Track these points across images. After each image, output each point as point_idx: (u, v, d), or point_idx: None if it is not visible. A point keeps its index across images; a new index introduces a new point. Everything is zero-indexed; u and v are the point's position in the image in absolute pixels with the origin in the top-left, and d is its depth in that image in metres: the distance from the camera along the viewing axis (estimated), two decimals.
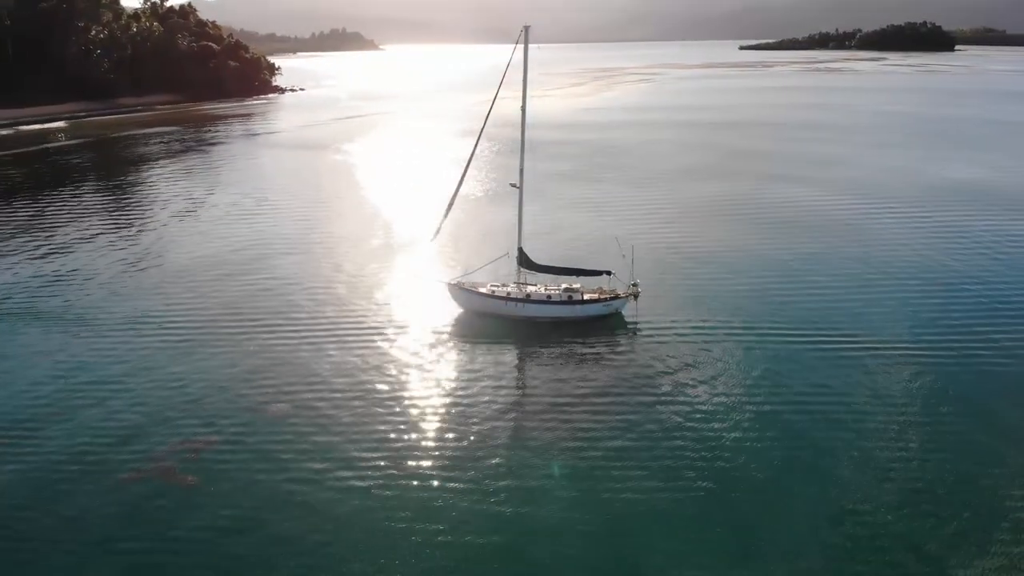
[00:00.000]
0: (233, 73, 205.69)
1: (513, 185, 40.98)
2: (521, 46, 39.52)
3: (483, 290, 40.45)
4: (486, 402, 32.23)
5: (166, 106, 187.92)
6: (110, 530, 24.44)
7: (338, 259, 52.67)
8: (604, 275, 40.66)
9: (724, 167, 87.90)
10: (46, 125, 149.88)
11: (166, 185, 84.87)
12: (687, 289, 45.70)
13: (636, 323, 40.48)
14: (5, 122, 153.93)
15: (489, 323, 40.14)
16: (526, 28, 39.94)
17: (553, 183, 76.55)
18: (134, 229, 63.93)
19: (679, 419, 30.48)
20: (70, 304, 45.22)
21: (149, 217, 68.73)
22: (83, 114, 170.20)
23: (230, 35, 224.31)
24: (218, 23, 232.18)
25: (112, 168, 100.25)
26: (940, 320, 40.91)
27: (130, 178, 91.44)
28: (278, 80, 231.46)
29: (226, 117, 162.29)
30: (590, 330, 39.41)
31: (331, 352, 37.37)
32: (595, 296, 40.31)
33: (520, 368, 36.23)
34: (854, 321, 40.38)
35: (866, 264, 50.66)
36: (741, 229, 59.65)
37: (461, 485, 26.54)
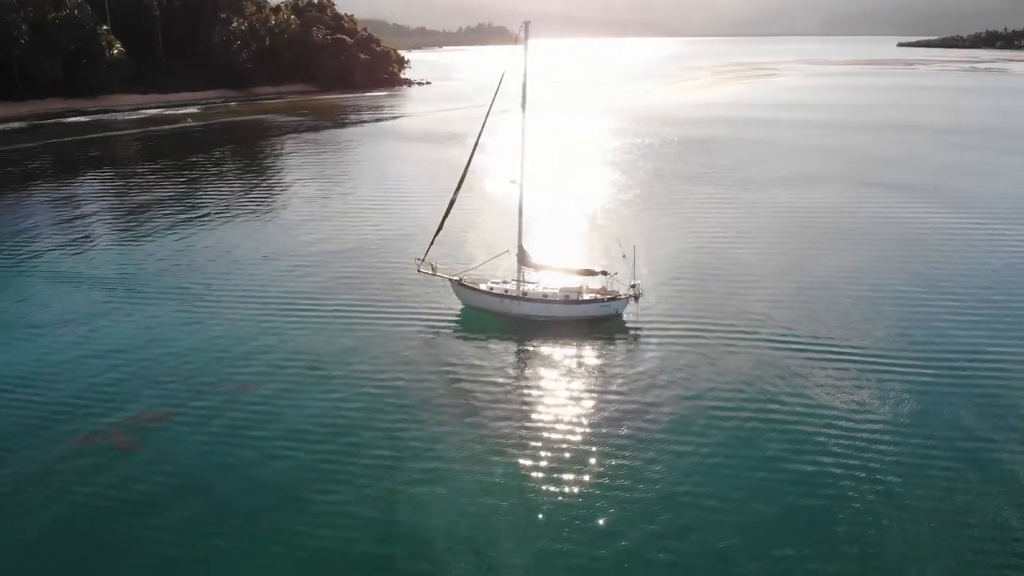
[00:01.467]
0: (362, 65, 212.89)
1: (512, 182, 40.06)
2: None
3: (483, 287, 40.05)
4: (458, 396, 32.25)
5: (298, 96, 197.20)
6: (53, 487, 25.93)
7: (373, 251, 53.53)
8: (600, 275, 39.75)
9: (824, 172, 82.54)
10: (183, 110, 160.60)
11: (265, 171, 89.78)
12: (704, 296, 43.84)
13: (636, 326, 39.12)
14: (155, 105, 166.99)
15: (486, 320, 39.98)
16: (526, 24, 39.87)
17: (625, 177, 74.60)
18: (229, 209, 68.00)
19: (658, 426, 29.40)
20: (111, 270, 48.88)
21: (242, 199, 72.43)
22: (221, 101, 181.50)
23: (364, 28, 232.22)
24: (355, 17, 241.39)
25: (231, 151, 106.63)
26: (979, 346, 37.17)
27: (241, 162, 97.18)
28: (406, 73, 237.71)
29: (348, 107, 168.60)
30: (587, 331, 38.47)
31: (318, 336, 38.33)
32: (593, 296, 38.98)
33: (506, 366, 35.64)
34: (889, 341, 37.53)
35: (916, 281, 46.61)
36: (805, 240, 55.79)
37: (410, 475, 26.65)
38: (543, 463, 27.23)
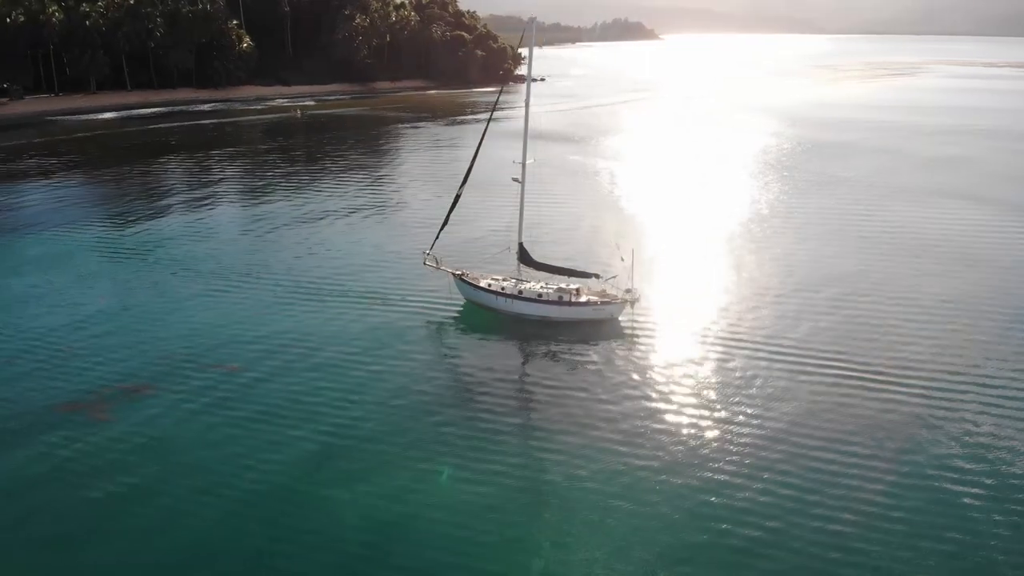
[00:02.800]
0: (478, 62, 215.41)
1: (515, 179, 39.91)
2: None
3: (482, 283, 40.39)
4: (438, 389, 32.87)
5: (413, 91, 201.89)
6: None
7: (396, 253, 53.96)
8: (593, 278, 39.36)
9: (934, 184, 76.75)
10: (299, 102, 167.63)
11: (351, 162, 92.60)
12: (717, 305, 42.53)
13: (631, 331, 38.16)
14: (276, 97, 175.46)
15: (485, 317, 40.38)
16: (532, 19, 41.35)
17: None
18: (296, 195, 71.15)
19: (634, 434, 29.15)
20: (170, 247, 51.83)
21: (314, 187, 75.41)
22: (338, 95, 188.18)
23: (484, 25, 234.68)
24: (492, 13, 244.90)
25: (325, 141, 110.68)
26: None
27: (331, 152, 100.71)
28: (522, 69, 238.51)
29: (459, 103, 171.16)
30: (580, 334, 38.23)
31: (316, 321, 40.35)
32: (587, 299, 38.29)
33: (494, 364, 35.80)
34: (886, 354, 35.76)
35: (926, 297, 43.57)
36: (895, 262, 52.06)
37: (366, 462, 27.52)
38: (512, 459, 27.51)
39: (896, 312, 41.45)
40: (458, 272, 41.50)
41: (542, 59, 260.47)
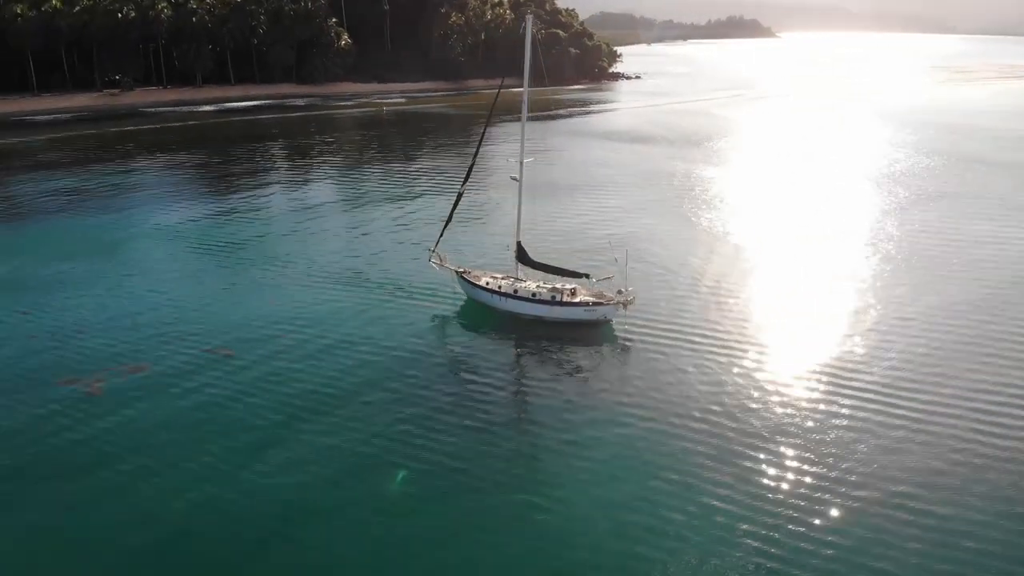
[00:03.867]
0: (571, 60, 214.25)
1: (513, 178, 39.72)
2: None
3: (481, 281, 40.63)
4: (423, 383, 33.05)
5: (511, 89, 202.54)
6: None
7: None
8: (583, 278, 38.92)
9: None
10: (390, 99, 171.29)
11: (414, 160, 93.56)
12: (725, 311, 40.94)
13: (622, 334, 37.17)
14: (370, 94, 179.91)
15: (482, 314, 40.45)
16: (529, 17, 42.03)
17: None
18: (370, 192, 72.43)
19: (607, 439, 28.80)
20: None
21: (378, 183, 76.95)
22: (430, 93, 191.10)
23: (581, 23, 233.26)
24: (604, 11, 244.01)
25: (402, 137, 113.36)
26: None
27: (401, 149, 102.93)
28: (619, 67, 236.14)
29: (549, 101, 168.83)
30: (573, 335, 37.78)
31: (316, 309, 41.75)
32: (580, 299, 37.71)
33: (477, 362, 35.89)
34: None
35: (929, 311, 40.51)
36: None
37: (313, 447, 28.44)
38: (476, 459, 27.60)
39: (900, 323, 38.97)
40: (460, 269, 41.66)
41: (646, 56, 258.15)
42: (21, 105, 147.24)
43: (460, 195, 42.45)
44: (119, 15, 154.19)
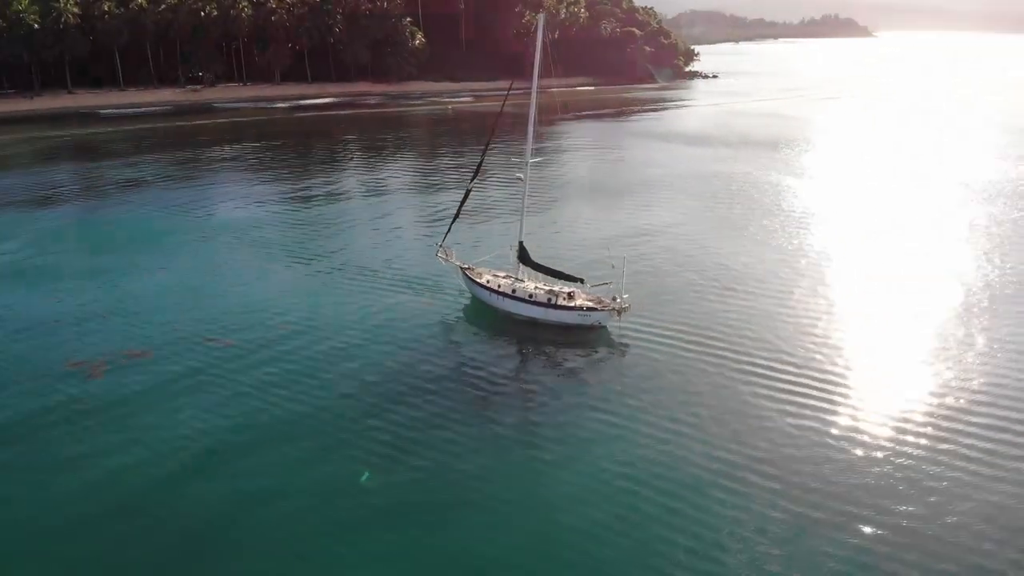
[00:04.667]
0: (645, 58, 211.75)
1: (518, 177, 39.19)
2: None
3: (484, 279, 40.55)
4: (408, 377, 33.23)
5: (576, 87, 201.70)
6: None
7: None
8: (578, 282, 38.35)
9: None
10: (459, 98, 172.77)
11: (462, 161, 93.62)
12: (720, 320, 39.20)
13: (616, 340, 36.76)
14: (439, 93, 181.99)
15: (483, 313, 40.36)
16: (541, 15, 41.53)
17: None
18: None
19: (588, 446, 28.36)
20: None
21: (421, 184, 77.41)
22: (499, 91, 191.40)
23: (658, 21, 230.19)
24: (691, 8, 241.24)
25: (458, 136, 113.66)
26: None
27: (456, 148, 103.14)
28: (696, 66, 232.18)
29: (619, 100, 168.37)
30: (568, 339, 37.29)
31: (323, 297, 42.92)
32: (573, 304, 37.59)
33: (465, 360, 35.77)
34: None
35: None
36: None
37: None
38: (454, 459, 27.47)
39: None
40: (464, 266, 41.72)
41: (731, 55, 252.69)
42: (109, 99, 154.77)
43: (468, 192, 42.56)
44: (202, 13, 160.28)
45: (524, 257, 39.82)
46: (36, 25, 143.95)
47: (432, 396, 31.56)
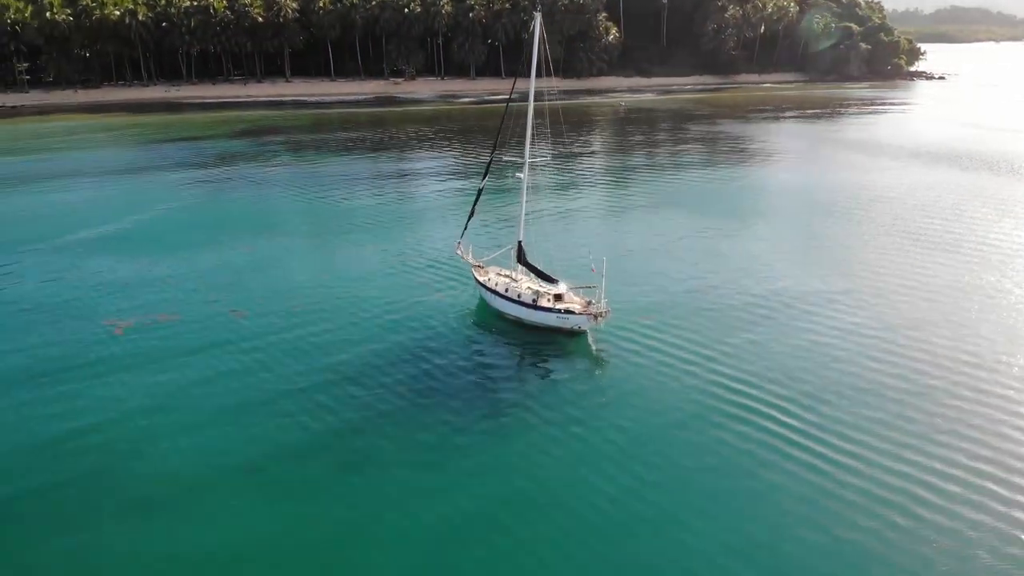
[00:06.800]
0: (861, 56, 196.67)
1: (519, 176, 38.58)
2: None
3: (487, 276, 40.27)
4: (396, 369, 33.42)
5: (777, 85, 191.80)
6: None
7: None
8: (554, 283, 36.99)
9: None
10: (643, 95, 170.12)
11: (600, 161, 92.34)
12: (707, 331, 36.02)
13: (593, 348, 35.01)
14: (625, 88, 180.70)
15: (484, 311, 39.96)
16: (538, 13, 38.25)
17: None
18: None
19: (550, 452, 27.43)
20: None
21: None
22: (691, 88, 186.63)
23: (881, 18, 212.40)
24: (880, 3, 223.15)
25: (626, 137, 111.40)
26: None
27: (602, 146, 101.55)
28: (922, 66, 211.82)
29: (825, 100, 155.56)
30: (551, 343, 35.92)
31: (333, 285, 43.66)
32: (552, 306, 36.29)
33: (453, 356, 35.12)
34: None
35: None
36: None
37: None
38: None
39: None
40: (476, 263, 41.65)
41: (984, 54, 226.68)
42: (320, 88, 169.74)
43: (480, 191, 42.30)
44: (406, 10, 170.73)
45: (521, 257, 39.41)
46: (260, 18, 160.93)
47: (395, 386, 31.54)
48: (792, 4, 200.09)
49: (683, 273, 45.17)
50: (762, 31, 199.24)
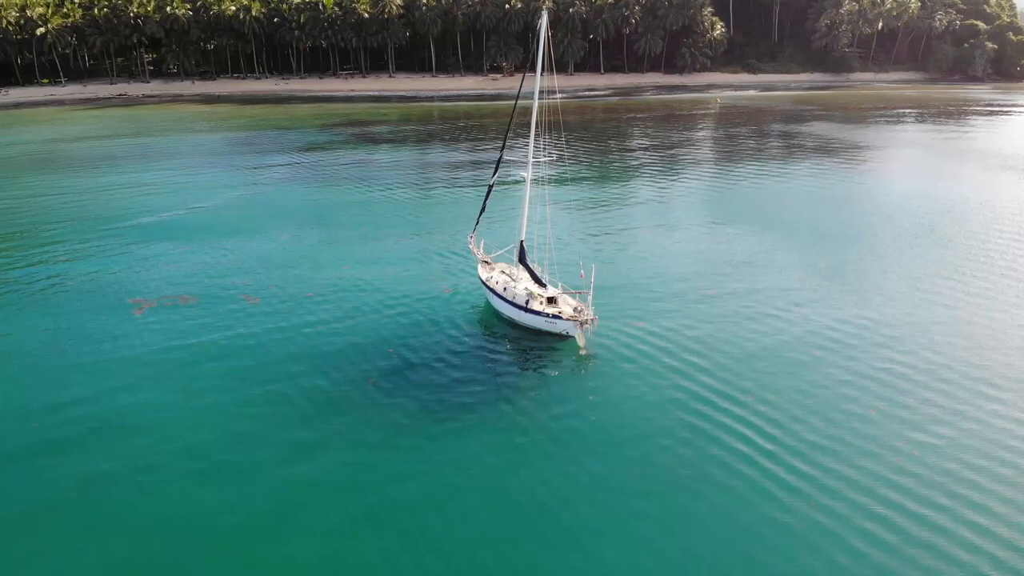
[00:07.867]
0: (986, 55, 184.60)
1: (521, 176, 38.78)
2: None
3: (490, 274, 40.35)
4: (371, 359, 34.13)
5: (892, 84, 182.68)
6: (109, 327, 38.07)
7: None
8: (543, 287, 37.04)
9: None
10: (744, 92, 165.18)
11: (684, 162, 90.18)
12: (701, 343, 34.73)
13: (580, 355, 34.37)
14: (728, 84, 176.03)
15: (485, 309, 40.25)
16: (545, 11, 37.57)
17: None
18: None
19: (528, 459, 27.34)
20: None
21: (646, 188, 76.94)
22: (798, 85, 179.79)
23: (1012, 16, 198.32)
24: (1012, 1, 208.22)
25: (682, 132, 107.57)
26: None
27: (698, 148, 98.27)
28: None
29: (943, 102, 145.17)
30: (542, 345, 35.63)
31: (344, 275, 44.93)
32: (542, 309, 36.10)
33: (447, 353, 35.26)
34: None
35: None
36: None
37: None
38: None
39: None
40: (485, 258, 41.85)
41: None
42: (420, 84, 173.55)
43: (490, 188, 42.26)
44: (506, 6, 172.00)
45: (522, 257, 39.54)
46: (366, 14, 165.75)
47: (377, 376, 32.09)
48: (913, 1, 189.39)
49: (696, 283, 43.57)
50: (880, 27, 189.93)
